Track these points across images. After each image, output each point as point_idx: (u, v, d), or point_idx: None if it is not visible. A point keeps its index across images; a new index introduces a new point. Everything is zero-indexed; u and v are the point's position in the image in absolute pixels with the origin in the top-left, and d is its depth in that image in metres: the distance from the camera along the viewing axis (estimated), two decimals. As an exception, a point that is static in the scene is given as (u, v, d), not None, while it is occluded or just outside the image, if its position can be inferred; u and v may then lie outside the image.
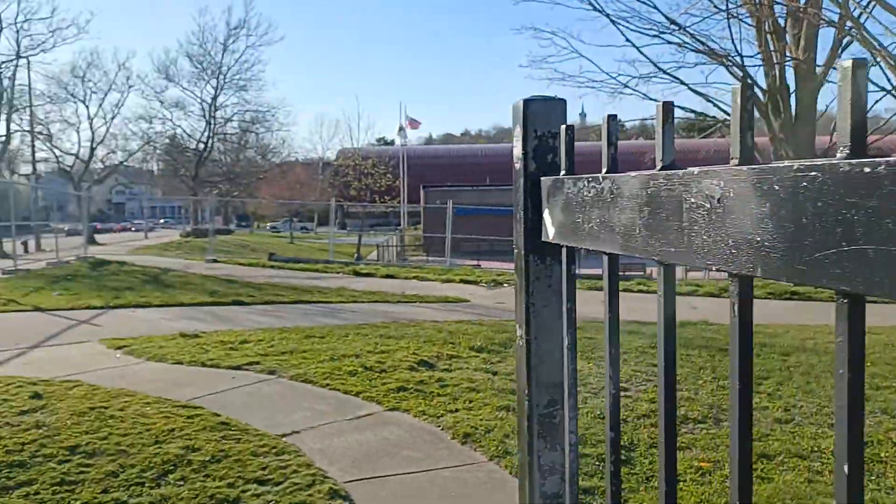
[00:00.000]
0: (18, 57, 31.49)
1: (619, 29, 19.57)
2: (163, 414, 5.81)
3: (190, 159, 47.95)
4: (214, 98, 45.90)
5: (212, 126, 46.57)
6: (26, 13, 30.89)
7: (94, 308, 12.35)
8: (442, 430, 5.66)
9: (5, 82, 31.13)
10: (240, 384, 7.02)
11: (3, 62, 30.88)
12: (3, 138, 31.57)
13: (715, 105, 19.63)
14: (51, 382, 6.65)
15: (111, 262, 22.00)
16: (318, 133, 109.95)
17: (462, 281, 20.61)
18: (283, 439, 5.35)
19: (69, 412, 5.77)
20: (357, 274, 22.02)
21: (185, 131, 47.53)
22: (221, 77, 45.31)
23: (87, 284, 15.57)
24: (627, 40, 19.71)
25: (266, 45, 48.05)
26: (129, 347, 8.66)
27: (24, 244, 31.89)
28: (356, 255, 32.19)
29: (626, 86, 20.79)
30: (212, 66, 45.14)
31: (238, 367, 7.64)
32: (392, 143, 41.29)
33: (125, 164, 51.33)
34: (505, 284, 20.08)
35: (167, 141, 48.31)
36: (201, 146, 47.41)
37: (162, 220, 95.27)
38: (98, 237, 38.91)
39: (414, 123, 63.41)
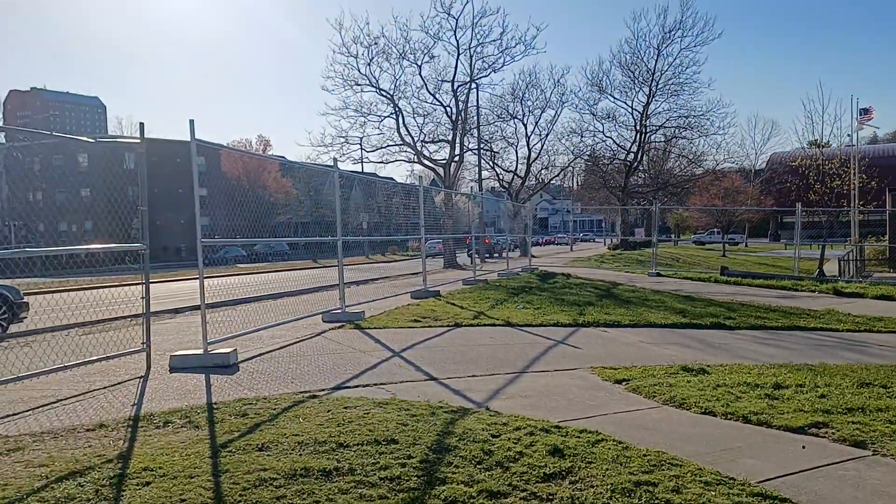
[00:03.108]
0: (472, 80, 33.95)
1: None
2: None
3: (619, 170, 47.25)
4: (646, 106, 44.43)
5: (642, 135, 45.16)
6: (480, 37, 33.08)
7: (562, 325, 11.20)
8: None
9: (460, 105, 33.75)
10: (821, 462, 4.67)
11: (458, 86, 33.58)
12: (457, 157, 34.24)
13: None
14: (565, 431, 5.13)
15: (556, 275, 21.57)
16: (749, 136, 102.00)
17: None
18: None
19: (606, 486, 4.07)
20: (839, 293, 18.02)
21: (615, 142, 47.00)
22: (654, 83, 43.62)
23: (544, 298, 14.80)
24: None
25: (702, 45, 44.66)
26: (630, 382, 6.94)
27: (471, 256, 34.15)
28: (818, 270, 27.37)
29: None
30: (644, 73, 43.76)
31: (800, 430, 5.29)
32: (827, 144, 35.11)
33: (552, 180, 52.98)
34: None
35: (596, 153, 48.33)
36: (630, 156, 46.34)
37: (581, 234, 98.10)
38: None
39: (867, 116, 53.87)
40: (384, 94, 32.70)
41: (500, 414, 5.63)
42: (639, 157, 46.69)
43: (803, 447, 4.92)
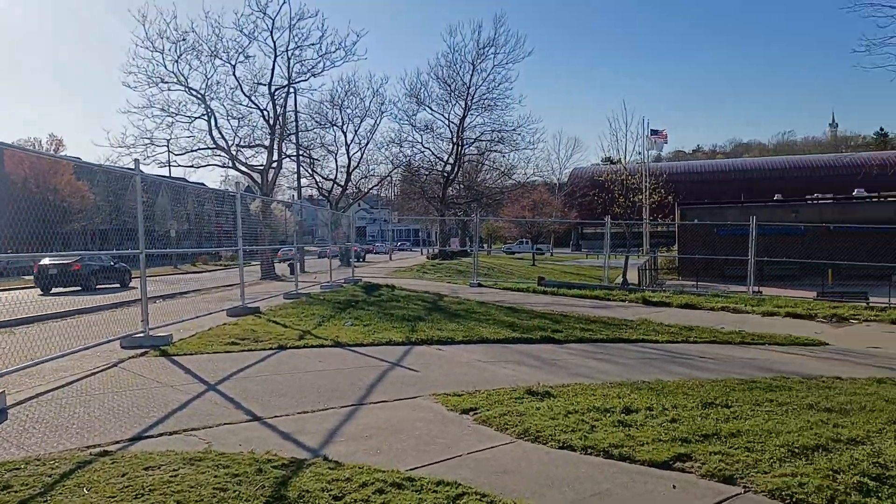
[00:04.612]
0: (290, 84, 32.50)
1: None
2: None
3: (437, 181, 47.66)
4: (462, 119, 45.18)
5: (459, 147, 45.88)
6: (298, 40, 31.79)
7: (395, 343, 10.52)
8: None
9: (278, 110, 32.18)
10: None
11: (276, 90, 32.00)
12: (275, 164, 32.63)
13: None
14: (420, 484, 4.41)
15: (381, 286, 20.94)
16: (555, 151, 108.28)
17: (789, 315, 16.76)
18: None
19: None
20: (647, 302, 18.97)
21: (433, 153, 47.38)
22: (469, 98, 44.46)
23: (372, 313, 14.06)
24: None
25: (514, 63, 46.26)
26: (478, 412, 6.38)
27: (291, 266, 32.71)
28: (623, 279, 29.03)
29: None
30: (460, 86, 44.49)
31: (665, 465, 4.96)
32: (616, 161, 38.01)
33: (372, 189, 52.55)
34: (851, 320, 15.93)
35: (414, 164, 48.51)
36: (448, 167, 46.91)
37: (398, 244, 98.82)
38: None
39: (661, 137, 58.96)
40: (194, 93, 30.48)
41: (340, 465, 4.80)
42: (456, 168, 47.42)
43: (674, 486, 4.57)
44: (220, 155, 31.96)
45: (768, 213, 41.15)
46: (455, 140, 45.90)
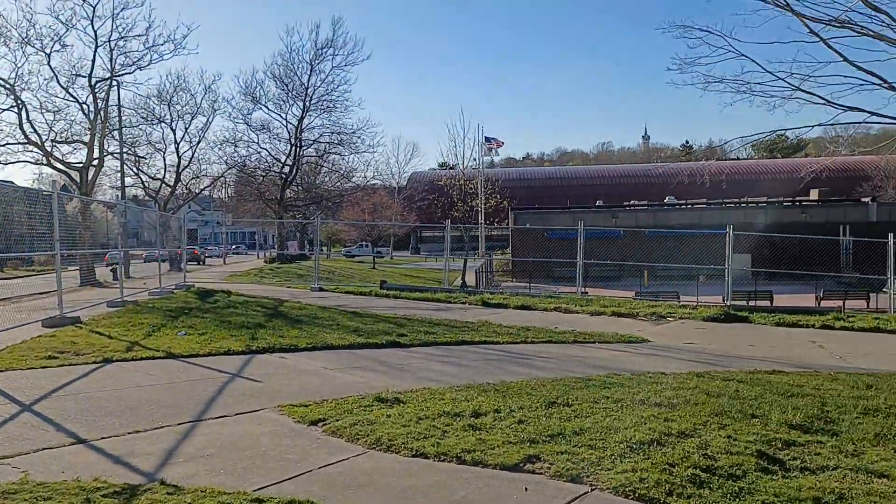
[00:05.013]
0: (113, 76, 30.23)
1: (804, 21, 16.60)
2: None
3: (274, 182, 46.36)
4: (300, 120, 44.27)
5: (297, 149, 44.90)
6: (122, 30, 29.62)
7: (235, 353, 10.03)
8: None
9: (99, 104, 29.79)
10: None
11: (97, 82, 29.61)
12: (96, 161, 30.21)
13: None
14: (266, 503, 4.18)
15: (216, 292, 19.97)
16: (394, 155, 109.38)
17: (615, 314, 17.88)
18: None
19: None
20: (486, 304, 19.50)
21: (270, 153, 46.04)
22: (308, 98, 43.66)
23: (208, 321, 13.34)
24: (812, 31, 16.73)
25: (352, 65, 46.03)
26: (327, 423, 6.18)
27: (114, 271, 30.46)
28: (462, 281, 29.67)
29: (798, 88, 17.80)
30: (298, 87, 43.58)
31: (516, 468, 5.04)
32: (453, 167, 39.41)
33: (204, 190, 50.25)
34: (668, 318, 17.25)
35: (250, 164, 46.90)
36: (286, 169, 45.77)
37: (234, 246, 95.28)
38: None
39: (497, 143, 61.03)
40: (2, 83, 27.56)
41: (180, 489, 4.45)
42: (294, 170, 46.40)
43: (525, 489, 4.66)
44: (32, 151, 29.16)
45: (592, 217, 43.81)
46: (293, 141, 44.93)
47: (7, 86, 27.55)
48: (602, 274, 37.93)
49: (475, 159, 48.51)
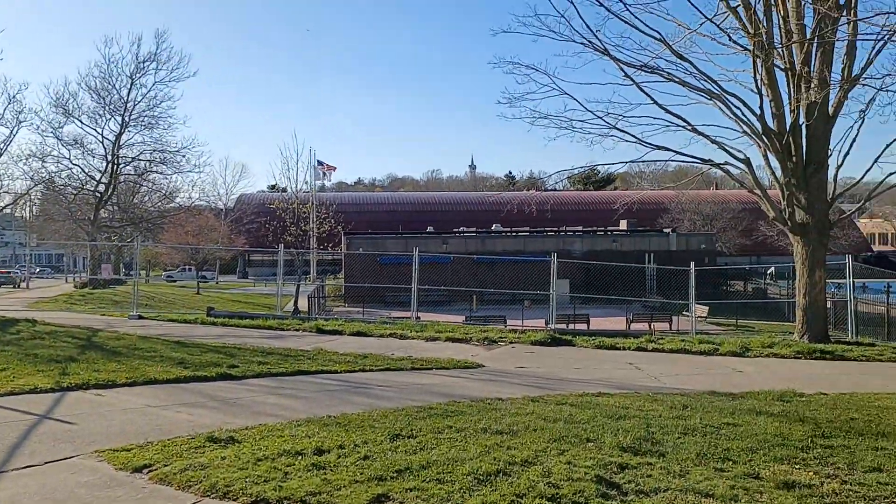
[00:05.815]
0: None
1: (619, 65, 18.00)
2: None
3: (88, 201, 42.87)
4: (118, 136, 41.38)
5: (114, 166, 41.89)
6: None
7: (43, 390, 9.03)
8: None
9: None
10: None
11: None
12: None
13: (723, 148, 18.29)
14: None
15: (19, 321, 18.03)
16: (221, 176, 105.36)
17: (449, 339, 18.14)
18: None
19: None
20: (321, 331, 19.09)
21: (83, 170, 42.56)
22: (127, 113, 40.97)
23: (9, 354, 11.94)
24: (626, 75, 18.18)
25: (177, 81, 43.89)
26: (154, 469, 5.68)
27: None
28: (294, 307, 28.92)
29: (614, 126, 19.26)
30: (117, 100, 40.78)
31: (369, 509, 4.88)
32: (284, 189, 38.93)
33: (6, 208, 45.61)
34: (500, 342, 17.77)
35: (60, 181, 43.09)
36: (101, 187, 42.50)
37: (37, 269, 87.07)
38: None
39: (329, 168, 60.62)
40: None
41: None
42: (110, 188, 43.22)
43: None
44: None
45: (423, 243, 44.55)
46: (110, 158, 41.87)
47: None
48: (433, 299, 38.60)
49: (307, 182, 47.82)
